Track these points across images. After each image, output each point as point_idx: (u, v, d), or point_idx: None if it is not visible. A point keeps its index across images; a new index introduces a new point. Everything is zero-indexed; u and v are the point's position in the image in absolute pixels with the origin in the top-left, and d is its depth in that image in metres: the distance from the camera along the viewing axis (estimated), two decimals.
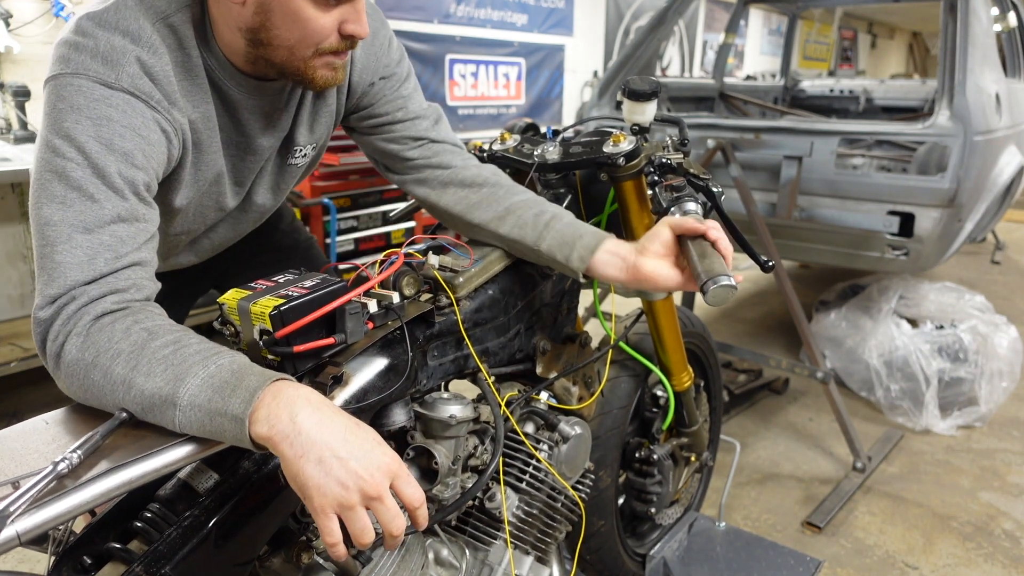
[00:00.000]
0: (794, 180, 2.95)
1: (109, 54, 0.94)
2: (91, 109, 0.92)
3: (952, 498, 2.50)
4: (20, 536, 0.68)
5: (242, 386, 0.79)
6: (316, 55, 1.02)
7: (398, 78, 1.26)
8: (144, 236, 0.94)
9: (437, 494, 1.13)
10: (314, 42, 1.01)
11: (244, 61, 1.05)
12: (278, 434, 0.77)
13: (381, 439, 0.83)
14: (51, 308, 0.86)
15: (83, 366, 0.83)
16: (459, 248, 1.24)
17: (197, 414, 0.79)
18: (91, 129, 0.91)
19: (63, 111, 0.91)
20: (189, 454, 0.82)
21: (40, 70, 3.33)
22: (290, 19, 0.98)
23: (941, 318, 3.19)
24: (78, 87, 0.92)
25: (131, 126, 0.94)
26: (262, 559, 0.95)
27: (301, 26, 0.99)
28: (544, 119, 6.45)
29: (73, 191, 0.89)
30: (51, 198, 0.89)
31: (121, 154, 0.92)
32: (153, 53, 0.97)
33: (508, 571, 1.23)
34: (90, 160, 0.90)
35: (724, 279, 1.06)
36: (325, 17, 0.99)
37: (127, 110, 0.94)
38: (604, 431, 1.61)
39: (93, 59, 0.93)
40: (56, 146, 0.90)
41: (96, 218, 0.89)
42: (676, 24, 4.24)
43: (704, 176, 1.31)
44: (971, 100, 2.67)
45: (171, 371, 0.81)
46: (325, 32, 1.00)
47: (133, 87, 0.95)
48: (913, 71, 15.19)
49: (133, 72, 0.95)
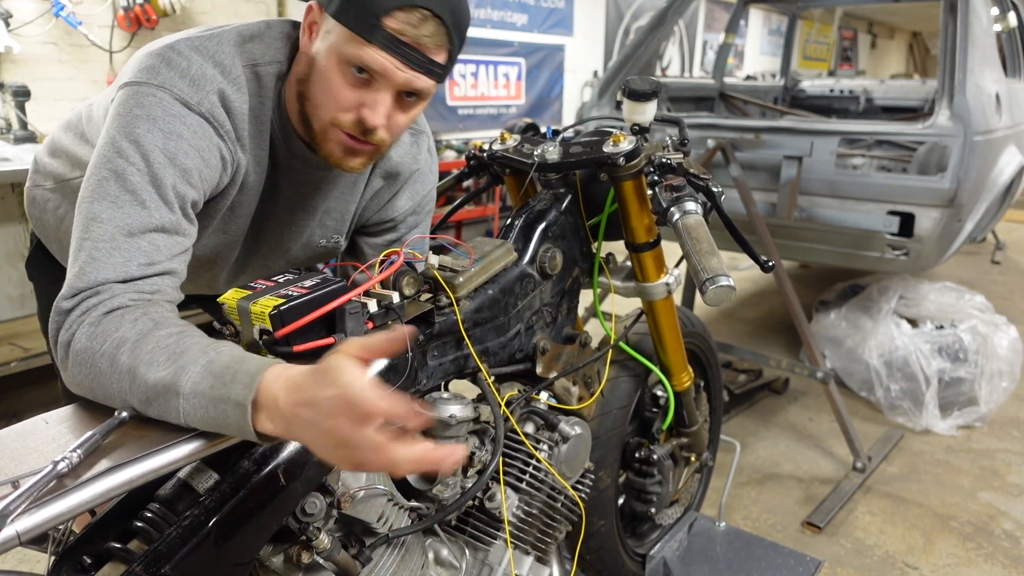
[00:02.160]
0: (794, 180, 2.95)
1: (197, 78, 1.00)
2: (165, 122, 0.97)
3: (952, 498, 2.50)
4: (20, 536, 0.68)
5: (242, 371, 0.79)
6: (332, 125, 1.06)
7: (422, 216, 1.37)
8: (179, 248, 0.98)
9: (437, 494, 1.13)
10: (333, 109, 1.05)
11: (298, 120, 1.11)
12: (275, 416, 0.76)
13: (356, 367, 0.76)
14: (73, 300, 0.89)
15: (90, 354, 0.85)
16: (459, 248, 1.24)
17: (201, 401, 0.79)
18: (160, 140, 0.96)
19: (139, 117, 0.96)
20: (189, 453, 0.82)
21: (40, 70, 3.34)
22: (323, 79, 1.03)
23: (941, 318, 3.19)
24: (159, 99, 0.98)
25: (197, 147, 0.99)
26: (262, 559, 0.95)
27: (328, 90, 1.04)
28: (544, 119, 6.45)
29: (127, 193, 0.94)
30: (104, 195, 0.93)
31: (181, 170, 0.97)
32: (237, 90, 1.04)
33: (508, 571, 1.23)
34: (151, 168, 0.95)
35: (723, 279, 1.06)
36: (348, 91, 1.03)
37: (198, 131, 1.00)
38: (604, 431, 1.61)
39: (181, 78, 0.99)
40: (122, 148, 0.95)
41: (142, 224, 0.93)
42: (676, 24, 4.24)
43: (704, 176, 1.30)
44: (971, 100, 2.67)
45: (172, 360, 0.81)
46: (344, 104, 1.04)
47: (209, 113, 1.01)
48: (913, 71, 15.18)
49: (213, 101, 1.01)
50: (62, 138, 1.26)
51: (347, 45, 0.99)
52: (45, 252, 1.37)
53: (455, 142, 5.23)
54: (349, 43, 0.99)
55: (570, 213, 1.41)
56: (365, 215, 1.33)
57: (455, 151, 5.06)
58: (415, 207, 1.34)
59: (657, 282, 1.50)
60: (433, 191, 1.37)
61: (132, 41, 3.61)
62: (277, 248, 1.28)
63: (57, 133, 1.29)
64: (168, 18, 3.67)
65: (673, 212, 1.25)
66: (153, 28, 3.62)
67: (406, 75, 1.01)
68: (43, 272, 1.39)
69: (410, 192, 1.32)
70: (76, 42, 3.44)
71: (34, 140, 3.14)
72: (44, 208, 1.30)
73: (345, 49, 0.99)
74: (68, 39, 3.41)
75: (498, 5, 5.80)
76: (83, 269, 0.90)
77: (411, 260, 1.11)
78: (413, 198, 1.33)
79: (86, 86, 3.53)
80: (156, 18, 3.60)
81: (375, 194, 1.31)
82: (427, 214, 1.38)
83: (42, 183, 1.30)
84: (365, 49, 0.98)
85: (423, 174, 1.33)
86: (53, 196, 1.28)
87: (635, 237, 1.45)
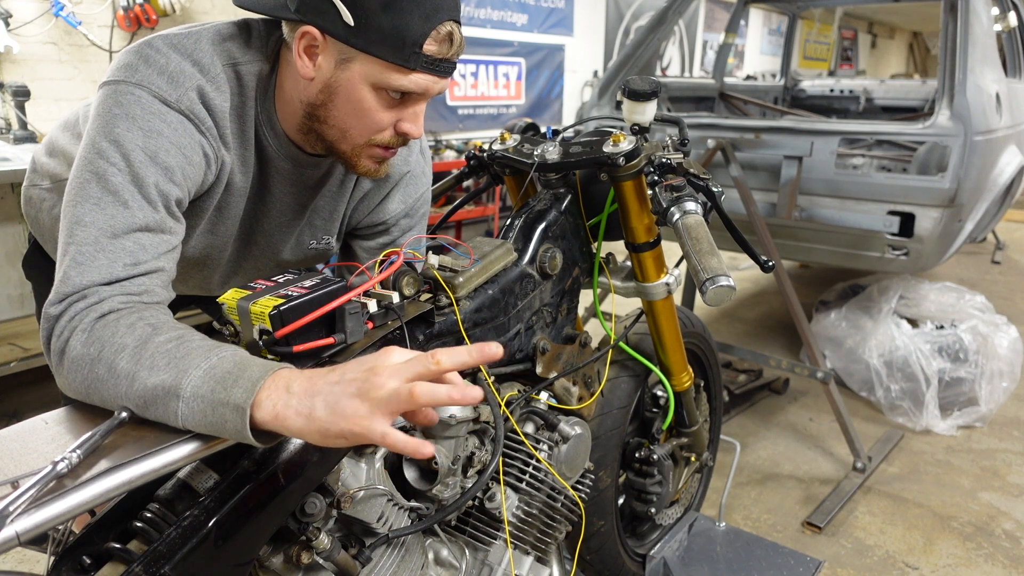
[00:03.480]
0: (794, 180, 2.95)
1: (175, 75, 0.99)
2: (145, 120, 0.96)
3: (952, 498, 2.49)
4: (19, 536, 0.68)
5: (244, 376, 0.79)
6: (367, 145, 1.08)
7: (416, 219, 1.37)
8: (166, 247, 0.97)
9: (437, 494, 1.13)
10: (369, 132, 1.07)
11: (295, 129, 1.11)
12: (280, 410, 0.77)
13: None
14: (61, 305, 0.88)
15: (87, 361, 0.84)
16: (459, 248, 1.24)
17: (200, 404, 0.79)
18: (140, 139, 0.95)
19: (117, 116, 0.96)
20: (189, 454, 0.82)
21: (40, 70, 3.33)
22: (352, 106, 1.04)
23: (941, 318, 3.19)
24: (137, 97, 0.97)
25: (178, 144, 0.99)
26: (262, 559, 0.95)
27: (361, 115, 1.05)
28: (544, 119, 6.45)
29: (109, 195, 0.93)
30: (86, 198, 0.93)
31: (163, 168, 0.97)
32: (216, 88, 1.03)
33: (508, 571, 1.23)
34: (132, 168, 0.94)
35: (723, 279, 1.06)
36: (385, 112, 1.05)
37: (178, 128, 0.99)
38: (604, 431, 1.61)
39: (160, 76, 0.99)
40: (102, 148, 0.94)
41: (125, 224, 0.93)
42: (676, 24, 4.24)
43: (704, 176, 1.30)
44: (971, 100, 2.67)
45: (174, 364, 0.81)
46: (382, 125, 1.06)
47: (189, 110, 1.00)
48: (913, 71, 15.18)
49: (192, 98, 1.00)
50: (59, 138, 1.26)
51: (384, 75, 1.01)
52: (41, 251, 1.37)
53: (455, 142, 5.22)
54: (387, 73, 1.01)
55: (570, 213, 1.41)
56: (356, 217, 1.33)
57: (455, 151, 5.06)
58: (407, 210, 1.34)
59: (657, 282, 1.50)
60: (427, 193, 1.37)
61: (132, 41, 3.61)
62: (268, 249, 1.28)
63: (55, 133, 1.29)
64: (168, 18, 3.67)
65: (673, 212, 1.25)
66: (153, 28, 3.62)
67: (440, 85, 1.05)
68: (40, 271, 1.39)
69: (402, 195, 1.32)
70: (76, 42, 3.44)
71: (34, 140, 3.14)
72: (40, 208, 1.30)
73: (382, 78, 1.01)
74: (68, 39, 3.41)
75: (498, 5, 5.80)
76: (67, 274, 0.89)
77: (411, 260, 1.11)
78: (405, 201, 1.33)
79: (86, 86, 3.53)
80: (156, 18, 3.60)
81: (365, 195, 1.30)
82: (422, 217, 1.38)
83: (39, 183, 1.30)
84: (408, 76, 1.01)
85: (415, 176, 1.32)
86: (49, 196, 1.28)
87: (635, 237, 1.45)
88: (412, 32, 0.98)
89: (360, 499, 1.00)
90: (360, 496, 1.00)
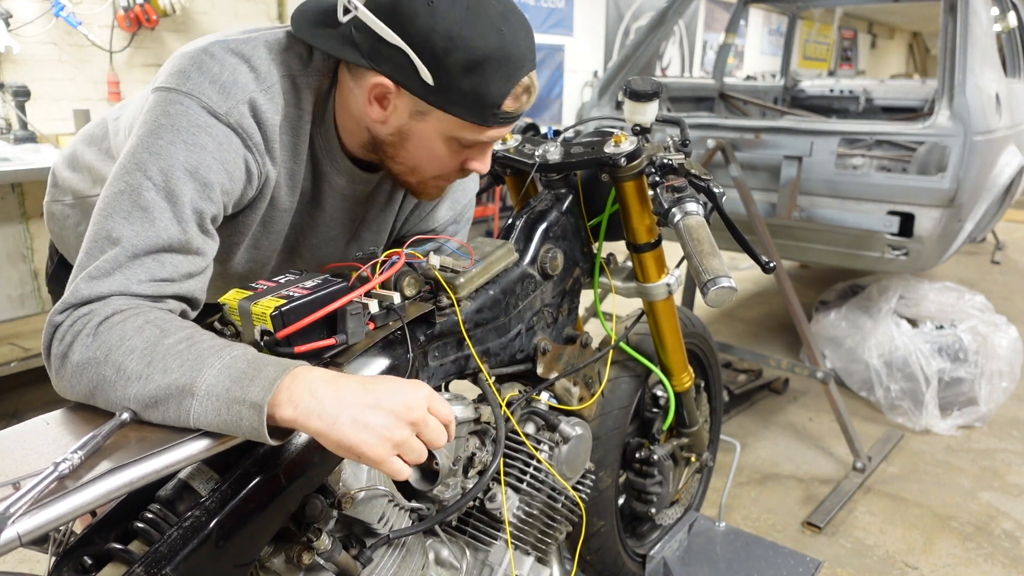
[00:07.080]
0: (794, 180, 2.95)
1: (228, 85, 0.96)
2: (190, 133, 0.93)
3: (952, 498, 2.50)
4: (21, 537, 0.68)
5: (261, 375, 0.79)
6: (435, 178, 1.11)
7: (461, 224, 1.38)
8: (191, 267, 0.94)
9: (438, 494, 1.13)
10: (439, 170, 1.09)
11: (355, 145, 1.10)
12: (303, 412, 0.79)
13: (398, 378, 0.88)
14: (64, 314, 0.87)
15: (94, 364, 0.83)
16: (460, 248, 1.24)
17: (215, 403, 0.79)
18: (182, 154, 0.92)
19: (163, 127, 0.93)
20: (190, 455, 0.82)
21: (40, 70, 3.33)
22: (424, 150, 1.05)
23: (941, 318, 3.19)
24: (185, 108, 0.94)
25: (221, 159, 0.95)
26: (263, 560, 0.95)
27: (432, 159, 1.07)
28: (544, 119, 6.45)
29: (139, 210, 0.90)
30: (117, 210, 0.90)
31: (202, 184, 0.94)
32: (269, 99, 1.00)
33: (508, 571, 1.23)
34: (168, 183, 0.91)
35: (724, 280, 1.06)
36: (454, 156, 1.07)
37: (223, 143, 0.96)
38: (604, 431, 1.61)
39: (211, 85, 0.95)
40: (141, 161, 0.92)
41: (150, 243, 0.90)
42: (676, 24, 4.24)
43: (705, 176, 1.30)
44: (971, 100, 2.67)
45: (187, 365, 0.81)
46: (452, 167, 1.09)
47: (238, 124, 0.97)
48: (913, 71, 15.18)
49: (243, 111, 0.97)
50: (84, 152, 1.22)
51: (461, 131, 1.02)
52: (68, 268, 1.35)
53: None
54: (464, 129, 1.02)
55: (571, 213, 1.41)
56: (405, 227, 1.33)
57: None
58: (455, 216, 1.34)
59: (658, 283, 1.50)
60: (473, 199, 1.38)
61: (132, 41, 3.61)
62: (313, 263, 1.26)
63: (79, 146, 1.24)
64: (168, 18, 3.66)
65: (674, 213, 1.25)
66: (153, 28, 3.62)
67: (507, 129, 1.06)
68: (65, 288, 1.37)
69: (451, 201, 1.33)
70: (76, 42, 3.44)
71: (34, 140, 3.14)
72: (64, 225, 1.27)
73: (459, 134, 1.03)
74: (68, 39, 3.41)
75: None
76: (78, 287, 0.88)
77: (412, 261, 1.11)
78: (454, 207, 1.33)
79: (86, 86, 3.52)
80: (156, 18, 3.59)
81: (416, 207, 1.31)
82: (466, 222, 1.38)
83: (61, 198, 1.26)
84: (484, 132, 1.03)
85: (464, 183, 1.32)
86: (73, 212, 1.25)
87: (636, 238, 1.45)
88: (493, 94, 0.98)
89: (361, 500, 1.00)
90: (361, 497, 1.00)
